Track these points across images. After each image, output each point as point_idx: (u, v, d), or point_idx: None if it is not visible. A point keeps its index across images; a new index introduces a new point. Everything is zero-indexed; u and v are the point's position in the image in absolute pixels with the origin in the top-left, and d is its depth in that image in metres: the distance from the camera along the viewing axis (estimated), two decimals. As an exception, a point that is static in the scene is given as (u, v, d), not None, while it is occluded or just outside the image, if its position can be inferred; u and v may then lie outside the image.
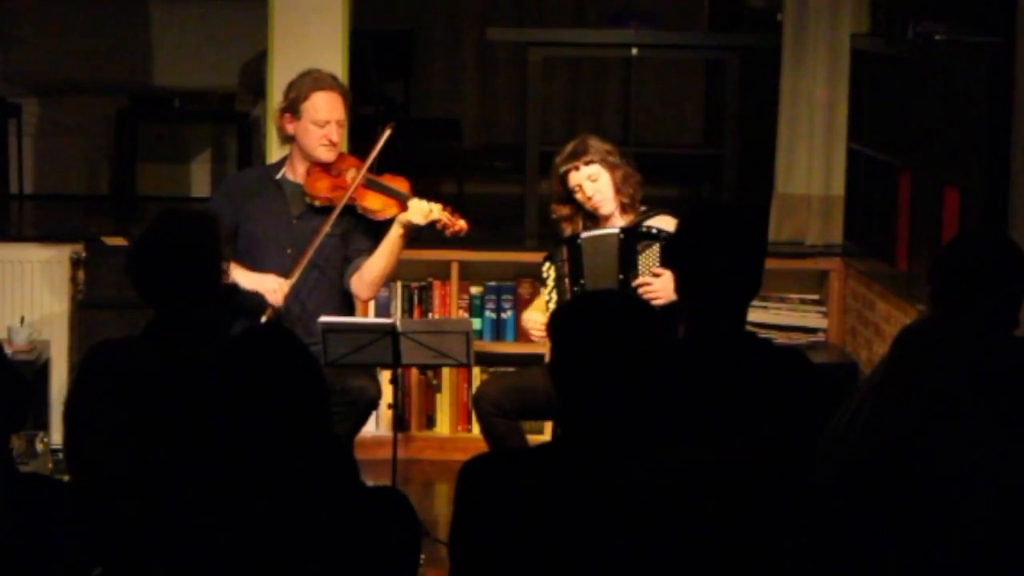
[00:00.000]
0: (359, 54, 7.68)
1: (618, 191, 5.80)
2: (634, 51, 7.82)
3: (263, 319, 5.64)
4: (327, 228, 5.77)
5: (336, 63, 7.04)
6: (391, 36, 9.63)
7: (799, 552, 3.25)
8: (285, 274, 5.78)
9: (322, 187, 5.87)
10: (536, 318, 5.89)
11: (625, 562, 2.98)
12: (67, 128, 9.20)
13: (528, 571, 3.03)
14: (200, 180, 9.18)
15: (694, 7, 10.07)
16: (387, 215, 5.84)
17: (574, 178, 5.81)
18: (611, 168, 5.80)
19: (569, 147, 5.88)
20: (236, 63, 9.05)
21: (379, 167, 6.05)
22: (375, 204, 5.86)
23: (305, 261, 5.76)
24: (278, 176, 5.97)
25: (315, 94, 5.88)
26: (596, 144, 5.84)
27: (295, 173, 5.94)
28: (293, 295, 5.82)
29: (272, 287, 5.72)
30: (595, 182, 5.79)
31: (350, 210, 5.86)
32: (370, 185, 5.87)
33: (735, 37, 8.25)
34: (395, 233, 5.80)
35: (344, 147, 6.14)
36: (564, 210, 5.89)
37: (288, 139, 5.97)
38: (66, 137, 9.17)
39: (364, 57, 8.25)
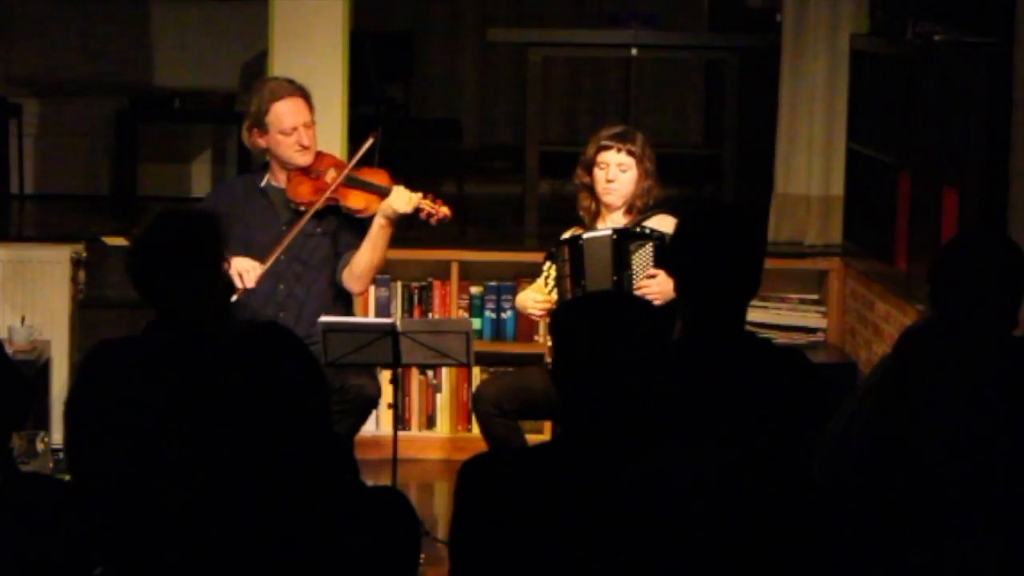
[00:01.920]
0: (359, 54, 7.68)
1: (636, 194, 5.84)
2: (634, 51, 7.83)
3: (233, 298, 5.63)
4: (302, 224, 5.78)
5: (336, 63, 7.04)
6: (391, 36, 9.64)
7: (799, 552, 3.26)
8: (276, 281, 5.81)
9: (304, 191, 5.88)
10: (535, 296, 5.92)
11: (624, 562, 2.98)
12: (67, 128, 9.21)
13: (527, 570, 3.03)
14: (200, 180, 9.18)
15: (694, 7, 10.08)
16: (371, 212, 5.85)
17: (607, 156, 5.83)
18: (643, 172, 5.83)
19: (621, 127, 5.95)
20: (236, 63, 9.05)
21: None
22: (358, 203, 5.87)
23: (280, 249, 5.76)
24: (262, 184, 5.97)
25: (274, 105, 5.86)
26: (643, 142, 5.88)
27: (278, 180, 5.94)
28: (289, 295, 5.84)
29: (245, 268, 5.71)
30: (623, 172, 5.83)
31: (335, 209, 5.87)
32: (351, 183, 5.87)
33: (734, 37, 8.25)
34: (377, 223, 5.80)
35: (343, 146, 6.14)
36: (586, 178, 5.91)
37: (263, 152, 5.97)
38: (66, 137, 9.18)
39: (364, 57, 8.26)
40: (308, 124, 5.89)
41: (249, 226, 5.86)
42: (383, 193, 5.83)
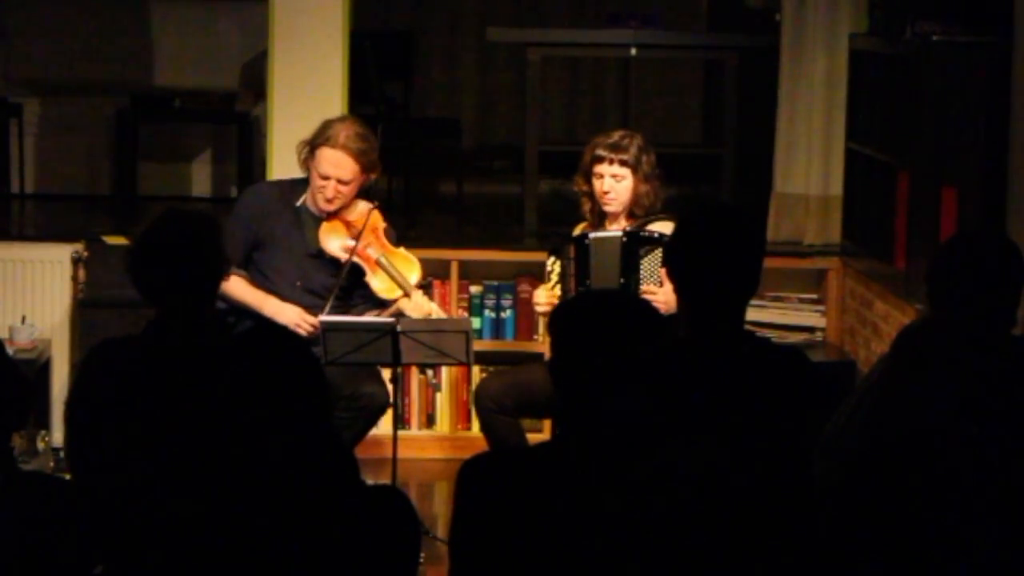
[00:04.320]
0: (359, 54, 7.68)
1: (634, 201, 5.83)
2: (633, 51, 7.83)
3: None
4: (340, 283, 5.87)
5: (336, 63, 7.05)
6: (391, 36, 9.63)
7: (799, 550, 3.27)
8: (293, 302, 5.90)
9: (334, 244, 5.93)
10: (541, 296, 5.95)
11: (624, 561, 2.99)
12: (68, 128, 9.21)
13: (527, 569, 3.04)
14: (200, 180, 9.19)
15: (693, 7, 10.08)
16: (387, 297, 5.93)
17: (601, 167, 5.84)
18: (640, 179, 5.82)
19: (616, 135, 5.93)
20: (236, 63, 9.06)
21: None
22: (380, 286, 5.95)
23: (333, 294, 5.87)
24: (299, 203, 5.99)
25: (321, 149, 5.88)
26: (639, 147, 5.86)
27: (314, 203, 5.97)
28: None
29: (294, 320, 5.77)
30: (618, 182, 5.83)
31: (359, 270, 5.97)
32: (382, 264, 5.92)
33: (734, 37, 8.25)
34: (390, 310, 5.90)
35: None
36: (585, 186, 5.93)
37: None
38: (67, 137, 9.18)
39: (364, 57, 8.26)
40: (343, 180, 5.87)
41: (273, 243, 5.94)
42: (406, 288, 5.87)
